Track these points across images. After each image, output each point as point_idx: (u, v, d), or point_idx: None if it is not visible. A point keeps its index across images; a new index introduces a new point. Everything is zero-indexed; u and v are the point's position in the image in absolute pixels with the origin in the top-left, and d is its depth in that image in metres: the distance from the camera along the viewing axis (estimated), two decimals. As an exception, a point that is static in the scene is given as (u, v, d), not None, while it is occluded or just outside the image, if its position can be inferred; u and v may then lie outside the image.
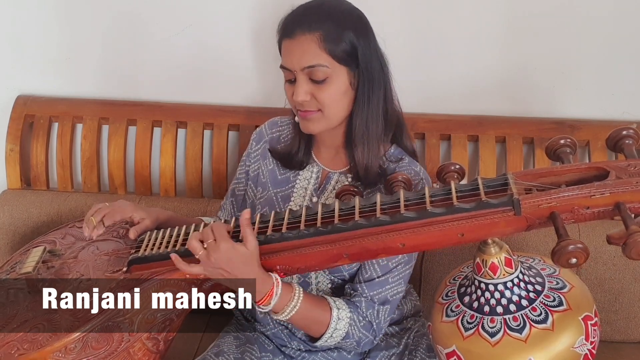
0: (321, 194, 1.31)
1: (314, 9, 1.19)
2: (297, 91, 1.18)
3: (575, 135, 1.63)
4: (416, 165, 1.28)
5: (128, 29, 1.76)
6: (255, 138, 1.40)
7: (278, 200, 1.34)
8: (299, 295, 1.15)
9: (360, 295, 1.23)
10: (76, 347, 1.07)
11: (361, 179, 1.25)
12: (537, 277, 1.09)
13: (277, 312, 1.14)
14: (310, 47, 1.15)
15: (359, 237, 1.03)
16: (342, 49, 1.16)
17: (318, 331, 1.21)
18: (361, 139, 1.23)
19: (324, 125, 1.22)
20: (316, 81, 1.17)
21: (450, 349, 1.09)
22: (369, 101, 1.21)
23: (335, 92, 1.18)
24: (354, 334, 1.22)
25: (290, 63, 1.18)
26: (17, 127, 1.82)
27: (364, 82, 1.20)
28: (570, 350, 1.03)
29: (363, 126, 1.22)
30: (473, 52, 1.68)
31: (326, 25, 1.15)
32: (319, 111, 1.20)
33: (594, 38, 1.64)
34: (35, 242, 1.36)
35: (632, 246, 0.84)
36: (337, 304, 1.21)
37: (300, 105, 1.20)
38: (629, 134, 0.99)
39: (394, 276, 1.24)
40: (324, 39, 1.15)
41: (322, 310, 1.20)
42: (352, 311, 1.22)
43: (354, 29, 1.17)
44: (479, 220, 0.96)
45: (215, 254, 1.07)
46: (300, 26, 1.16)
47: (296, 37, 1.16)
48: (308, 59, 1.16)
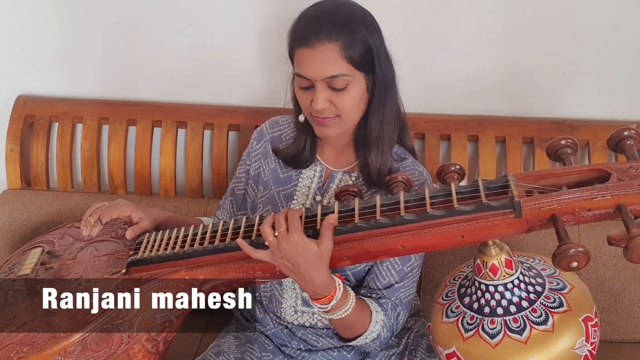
0: (325, 193, 1.31)
1: (329, 16, 1.16)
2: (316, 100, 1.16)
3: (575, 135, 1.63)
4: (419, 165, 1.29)
5: (128, 29, 1.76)
6: (256, 137, 1.40)
7: (281, 199, 1.33)
8: (353, 300, 1.15)
9: (385, 297, 1.24)
10: (75, 350, 1.07)
11: (372, 181, 1.25)
12: (537, 278, 1.09)
13: (329, 312, 1.14)
14: (331, 57, 1.13)
15: (358, 240, 1.03)
16: (360, 54, 1.15)
17: (356, 332, 1.21)
18: (376, 143, 1.23)
19: (341, 129, 1.22)
20: (336, 89, 1.16)
21: (451, 350, 1.09)
22: (384, 104, 1.21)
23: (353, 98, 1.18)
24: (382, 335, 1.23)
25: (310, 73, 1.16)
26: (17, 127, 1.82)
27: (380, 85, 1.20)
28: (570, 352, 1.03)
29: (379, 129, 1.22)
30: (473, 52, 1.68)
31: (344, 33, 1.13)
32: (337, 117, 1.19)
33: (594, 38, 1.63)
34: (34, 242, 1.36)
35: (633, 249, 0.84)
36: (374, 307, 1.22)
37: (319, 112, 1.18)
38: (630, 134, 0.98)
39: (409, 280, 1.25)
40: (344, 48, 1.13)
41: (365, 313, 1.20)
42: (385, 314, 1.23)
43: (369, 32, 1.16)
44: (480, 223, 0.96)
45: (285, 244, 1.04)
46: (318, 35, 1.13)
47: (315, 47, 1.14)
48: (330, 69, 1.14)
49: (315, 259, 1.05)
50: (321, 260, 1.05)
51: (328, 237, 1.04)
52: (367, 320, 1.20)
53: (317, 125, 1.22)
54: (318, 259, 1.05)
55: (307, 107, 1.20)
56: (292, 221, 1.05)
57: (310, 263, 1.05)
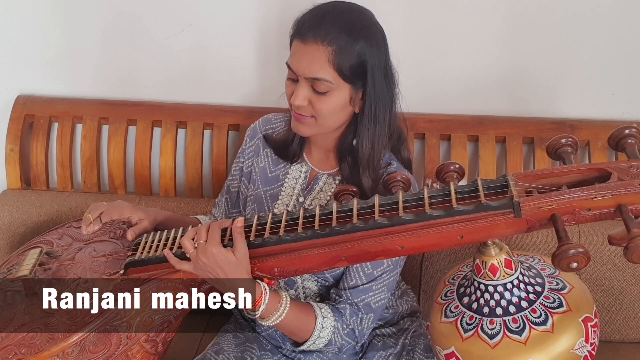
0: (308, 194, 1.31)
1: (334, 16, 1.15)
2: (295, 95, 1.17)
3: (575, 135, 1.61)
4: (403, 171, 1.27)
5: (128, 29, 1.76)
6: (250, 134, 1.41)
7: (267, 198, 1.34)
8: (286, 303, 1.15)
9: (345, 302, 1.23)
10: (74, 351, 1.07)
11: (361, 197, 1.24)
12: (537, 278, 1.09)
13: (264, 318, 1.15)
14: (319, 59, 1.13)
15: (357, 240, 1.03)
16: (351, 66, 1.14)
17: (302, 337, 1.21)
18: (367, 163, 1.22)
19: (314, 131, 1.22)
20: (317, 91, 1.16)
21: (450, 350, 1.09)
22: (375, 121, 1.20)
23: (333, 106, 1.17)
24: (337, 341, 1.22)
25: (296, 67, 1.16)
26: (17, 127, 1.82)
27: (370, 102, 1.18)
28: (570, 352, 1.02)
29: (369, 148, 1.21)
30: (473, 52, 1.68)
31: (341, 39, 1.13)
32: (313, 118, 1.20)
33: (594, 38, 1.63)
34: (33, 242, 1.36)
35: (633, 250, 0.84)
36: (322, 312, 1.21)
37: (297, 108, 1.19)
38: (631, 133, 0.98)
39: (377, 284, 1.24)
40: (335, 54, 1.13)
41: (307, 318, 1.20)
42: (337, 319, 1.22)
43: (369, 45, 1.15)
44: (479, 223, 0.96)
45: (204, 257, 1.08)
46: (315, 33, 1.13)
47: (308, 44, 1.14)
48: (314, 71, 1.14)
49: (235, 267, 1.08)
50: (240, 268, 1.08)
51: (240, 242, 1.08)
52: (311, 325, 1.20)
53: (294, 120, 1.23)
54: (237, 267, 1.08)
55: (289, 98, 1.21)
56: (211, 233, 1.09)
57: (229, 271, 1.08)
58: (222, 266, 1.08)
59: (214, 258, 1.07)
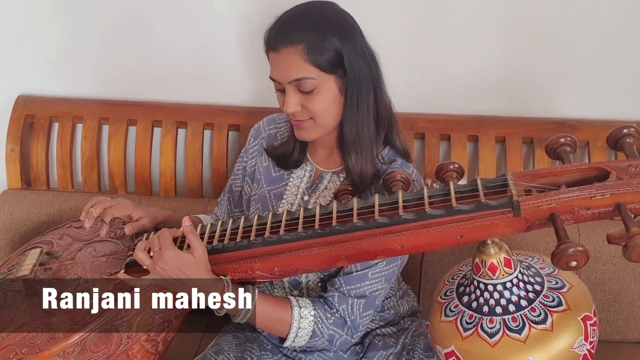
0: (313, 193, 1.31)
1: (295, 20, 1.17)
2: (286, 103, 1.18)
3: (575, 135, 1.61)
4: (408, 167, 1.28)
5: (128, 29, 1.77)
6: (253, 134, 1.41)
7: (271, 197, 1.34)
8: (253, 298, 1.15)
9: (335, 289, 1.23)
10: (74, 351, 1.07)
11: (355, 185, 1.24)
12: (536, 277, 1.09)
13: (234, 315, 1.15)
14: (294, 60, 1.14)
15: (357, 239, 1.02)
16: (327, 58, 1.15)
17: (283, 331, 1.21)
18: (353, 145, 1.22)
19: (318, 132, 1.23)
20: (305, 92, 1.17)
21: (449, 349, 1.09)
22: (358, 106, 1.20)
23: (324, 101, 1.18)
24: (323, 331, 1.21)
25: (277, 76, 1.18)
26: (17, 127, 1.82)
27: (352, 88, 1.19)
28: (569, 351, 1.02)
29: (354, 132, 1.22)
30: (473, 52, 1.68)
31: (308, 37, 1.14)
32: (311, 119, 1.20)
33: (593, 38, 1.63)
34: (33, 242, 1.36)
35: (632, 249, 0.84)
36: (299, 302, 1.21)
37: (292, 115, 1.20)
38: (629, 132, 0.98)
39: (374, 272, 1.23)
40: (307, 51, 1.14)
41: (282, 310, 1.20)
42: (317, 308, 1.21)
43: (338, 35, 1.15)
44: (479, 222, 0.96)
45: (161, 262, 1.08)
46: (283, 39, 1.15)
47: (280, 51, 1.15)
48: (294, 72, 1.15)
49: (194, 267, 1.08)
50: (199, 267, 1.09)
51: (195, 241, 1.09)
52: (288, 317, 1.19)
53: (295, 128, 1.24)
54: (196, 267, 1.09)
55: (282, 108, 1.21)
56: (162, 238, 1.10)
57: (189, 271, 1.08)
58: (181, 267, 1.08)
59: (170, 261, 1.08)
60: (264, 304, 1.17)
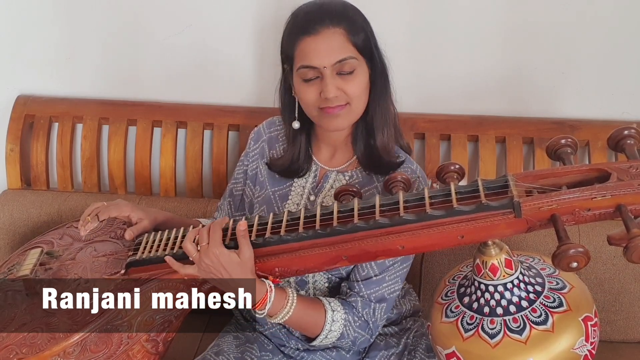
0: (319, 192, 1.31)
1: (328, 6, 1.19)
2: (327, 88, 1.16)
3: (575, 135, 1.63)
4: (413, 163, 1.29)
5: (128, 29, 1.76)
6: (254, 137, 1.40)
7: (276, 199, 1.34)
8: (293, 300, 1.16)
9: (356, 294, 1.23)
10: (75, 351, 1.07)
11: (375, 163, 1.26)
12: (537, 278, 1.09)
13: (272, 315, 1.15)
14: (338, 40, 1.16)
15: (358, 240, 1.03)
16: (362, 40, 1.18)
17: (313, 332, 1.22)
18: (381, 123, 1.24)
19: (350, 119, 1.23)
20: (344, 74, 1.17)
21: (450, 349, 1.09)
22: (385, 91, 1.24)
23: (361, 84, 1.19)
24: (349, 334, 1.22)
25: (318, 60, 1.16)
26: (17, 127, 1.82)
27: (378, 74, 1.22)
28: (570, 352, 1.03)
29: (383, 112, 1.24)
30: (473, 52, 1.68)
31: (346, 20, 1.17)
32: (347, 105, 1.20)
33: (593, 38, 1.63)
34: (33, 242, 1.36)
35: (633, 250, 0.84)
36: (332, 306, 1.22)
37: (330, 101, 1.18)
38: (630, 133, 0.98)
39: (390, 274, 1.24)
40: (348, 32, 1.16)
41: (316, 313, 1.20)
42: (347, 312, 1.22)
43: (364, 21, 1.20)
44: (479, 223, 0.96)
45: (207, 259, 1.08)
46: (323, 22, 1.16)
47: (321, 33, 1.16)
48: (338, 53, 1.16)
49: (238, 268, 1.08)
50: (244, 268, 1.08)
51: (246, 245, 1.08)
52: (321, 319, 1.20)
53: (327, 117, 1.21)
54: (241, 268, 1.08)
55: (314, 102, 1.20)
56: (213, 234, 1.09)
57: (234, 271, 1.08)
58: (226, 267, 1.08)
59: (217, 259, 1.08)
60: (300, 306, 1.17)
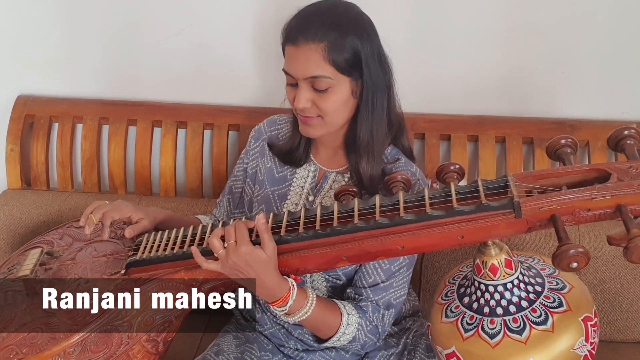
0: (317, 193, 1.31)
1: (319, 16, 1.16)
2: (298, 98, 1.17)
3: (575, 135, 1.62)
4: (412, 165, 1.28)
5: (128, 29, 1.76)
6: (254, 136, 1.40)
7: (275, 198, 1.34)
8: (313, 300, 1.15)
9: (366, 299, 1.23)
10: (75, 351, 1.07)
11: (365, 187, 1.24)
12: (537, 278, 1.09)
13: (290, 314, 1.15)
14: (314, 57, 1.14)
15: (358, 240, 1.03)
16: (346, 59, 1.15)
17: (326, 334, 1.21)
18: (366, 149, 1.23)
19: (324, 130, 1.22)
20: (318, 90, 1.16)
21: (450, 350, 1.09)
22: (373, 109, 1.21)
23: (336, 101, 1.17)
24: (361, 338, 1.23)
25: (294, 70, 1.17)
26: (17, 127, 1.82)
27: (367, 91, 1.19)
28: (570, 352, 1.03)
29: (368, 135, 1.22)
30: (473, 52, 1.68)
31: (331, 35, 1.13)
32: (319, 117, 1.20)
33: (593, 38, 1.63)
34: (33, 242, 1.36)
35: (633, 250, 0.84)
36: (347, 309, 1.22)
37: (301, 110, 1.20)
38: (630, 133, 0.98)
39: (397, 280, 1.25)
40: (328, 50, 1.13)
41: (332, 315, 1.20)
42: (361, 317, 1.22)
43: (359, 37, 1.16)
44: (479, 223, 0.96)
45: (234, 256, 1.07)
46: (305, 35, 1.14)
47: (300, 46, 1.14)
48: (311, 69, 1.15)
49: (264, 265, 1.07)
50: (269, 265, 1.08)
51: (269, 239, 1.07)
52: (337, 322, 1.20)
53: (301, 123, 1.23)
54: (266, 264, 1.07)
55: (292, 103, 1.21)
56: (239, 232, 1.08)
57: (260, 269, 1.07)
58: (253, 265, 1.07)
59: (244, 257, 1.06)
60: (319, 307, 1.17)
